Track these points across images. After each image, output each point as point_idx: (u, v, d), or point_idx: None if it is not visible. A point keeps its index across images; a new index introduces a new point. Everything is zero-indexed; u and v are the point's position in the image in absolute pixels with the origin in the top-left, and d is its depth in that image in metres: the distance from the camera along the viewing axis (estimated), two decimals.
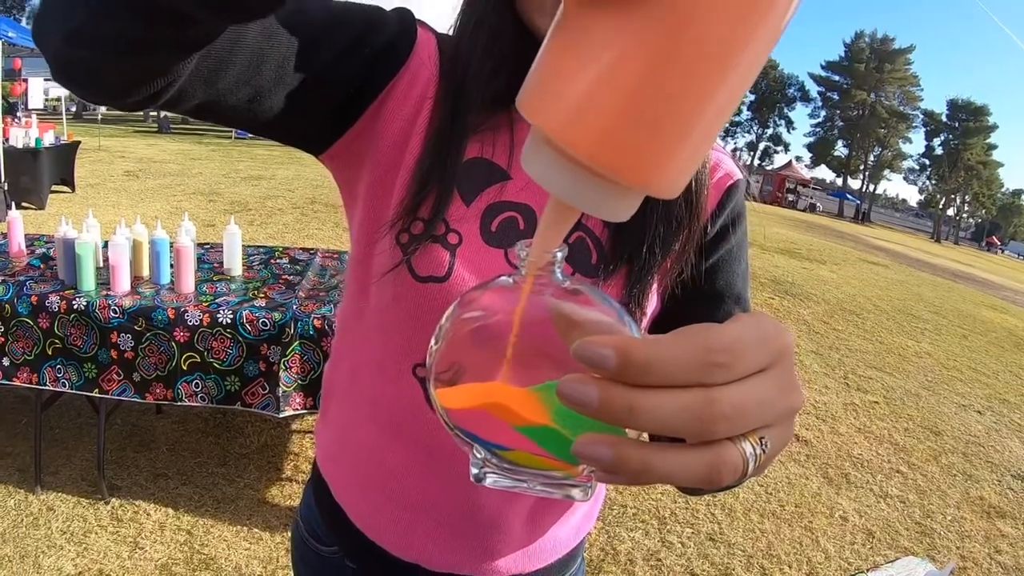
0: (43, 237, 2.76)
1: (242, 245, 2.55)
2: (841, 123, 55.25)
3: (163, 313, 2.07)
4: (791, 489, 3.15)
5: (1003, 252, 58.23)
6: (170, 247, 2.29)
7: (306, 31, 0.53)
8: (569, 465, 0.30)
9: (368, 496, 0.69)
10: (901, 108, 52.97)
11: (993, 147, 54.24)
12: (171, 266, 2.29)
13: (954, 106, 52.18)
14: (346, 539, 0.72)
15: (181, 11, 0.31)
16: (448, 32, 0.63)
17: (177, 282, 2.24)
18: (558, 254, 0.30)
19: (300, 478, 2.58)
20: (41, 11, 0.38)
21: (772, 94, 56.55)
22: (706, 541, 2.62)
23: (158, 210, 7.12)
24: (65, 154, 7.71)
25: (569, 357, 0.24)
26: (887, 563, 1.68)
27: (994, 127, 51.74)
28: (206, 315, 2.08)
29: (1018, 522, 3.25)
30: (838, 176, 60.01)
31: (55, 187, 7.52)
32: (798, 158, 57.67)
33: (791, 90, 57.90)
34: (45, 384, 2.12)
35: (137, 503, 2.33)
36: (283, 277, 2.53)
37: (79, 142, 8.29)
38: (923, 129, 55.51)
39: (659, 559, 2.46)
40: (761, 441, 0.24)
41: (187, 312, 2.08)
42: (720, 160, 0.66)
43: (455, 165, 0.58)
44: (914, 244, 29.96)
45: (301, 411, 2.16)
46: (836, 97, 54.43)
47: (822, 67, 55.19)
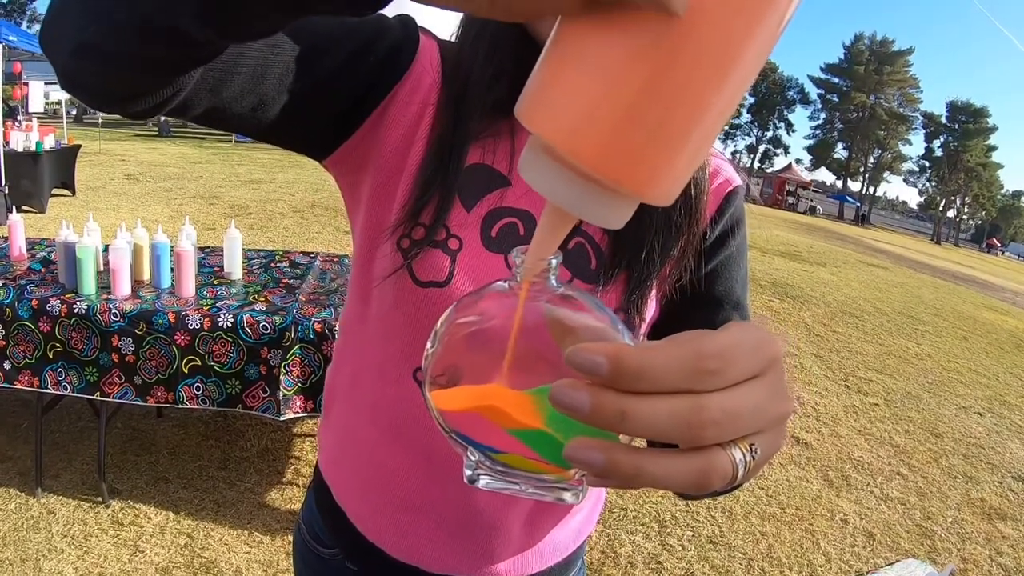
0: (44, 241, 2.76)
1: (242, 249, 2.56)
2: (841, 125, 55.31)
3: (164, 317, 2.08)
4: (792, 492, 3.15)
5: (1003, 254, 58.28)
6: (171, 251, 2.29)
7: (309, 39, 0.53)
8: (561, 469, 0.31)
9: (368, 498, 0.69)
10: (901, 110, 53.03)
11: (993, 149, 54.28)
12: (172, 270, 2.29)
13: (953, 108, 52.23)
14: (347, 541, 0.72)
15: (190, 34, 0.31)
16: (450, 39, 0.64)
17: (178, 286, 2.24)
18: (553, 261, 0.31)
19: (301, 482, 2.58)
20: (49, 19, 0.38)
21: (772, 97, 56.62)
22: (706, 544, 2.62)
23: (158, 214, 7.12)
24: (66, 158, 7.72)
25: (563, 362, 0.24)
26: (887, 565, 1.68)
27: (993, 129, 51.78)
28: (207, 319, 2.09)
29: (1019, 524, 3.25)
30: (838, 178, 60.10)
31: (56, 191, 7.52)
32: (798, 161, 57.77)
33: (791, 93, 57.99)
34: (46, 387, 2.12)
35: (138, 507, 2.33)
36: (283, 281, 2.53)
37: (79, 146, 8.30)
38: (923, 131, 55.59)
39: (659, 562, 2.46)
40: (751, 448, 0.25)
41: (188, 316, 2.08)
42: (720, 166, 0.66)
43: (456, 171, 0.59)
44: (914, 246, 29.97)
45: (302, 414, 2.16)
46: (836, 99, 54.49)
47: (821, 69, 55.32)
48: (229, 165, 13.23)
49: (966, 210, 60.92)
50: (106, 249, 2.33)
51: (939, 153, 55.26)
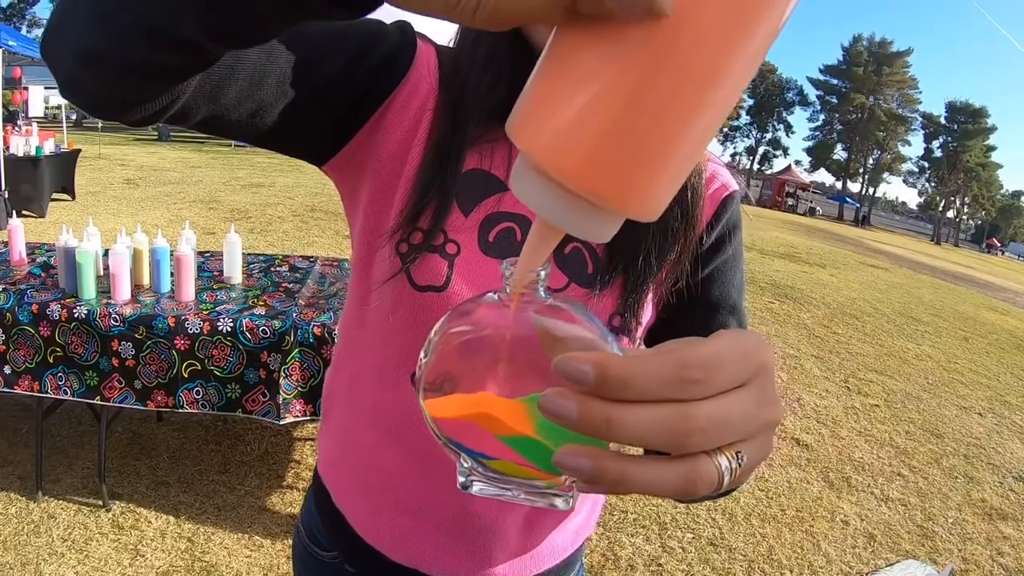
0: (44, 245, 2.77)
1: (242, 253, 2.56)
2: (840, 127, 55.33)
3: (164, 321, 2.08)
4: (792, 493, 3.15)
5: (1003, 254, 58.28)
6: (170, 256, 2.30)
7: (306, 45, 0.54)
8: (552, 475, 0.31)
9: (367, 501, 0.70)
10: (900, 111, 53.05)
11: (992, 149, 54.30)
12: (171, 274, 2.30)
13: (952, 108, 52.26)
14: (346, 544, 0.72)
15: (194, 41, 0.32)
16: (448, 44, 0.64)
17: (177, 290, 2.24)
18: (542, 272, 0.31)
19: (301, 485, 2.58)
20: (51, 27, 0.38)
21: (771, 98, 56.66)
22: (707, 546, 2.62)
23: (158, 218, 7.13)
24: (65, 162, 7.74)
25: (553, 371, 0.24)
26: (887, 566, 1.68)
27: (993, 129, 51.81)
28: (206, 323, 2.09)
29: (1020, 524, 3.25)
30: (837, 180, 60.12)
31: (55, 195, 7.54)
32: (797, 162, 57.74)
33: (790, 94, 58.00)
34: (47, 392, 2.12)
35: (138, 511, 2.33)
36: (283, 285, 2.54)
37: (79, 150, 8.32)
38: (922, 132, 55.60)
39: (660, 564, 2.46)
40: (738, 455, 0.25)
41: (187, 320, 2.09)
42: (716, 171, 0.67)
43: (454, 176, 0.59)
44: (914, 247, 29.98)
45: (302, 418, 2.16)
46: (835, 101, 54.53)
47: (820, 71, 55.35)
48: (229, 169, 13.24)
49: (966, 210, 60.94)
50: (106, 254, 2.33)
51: (938, 154, 55.27)
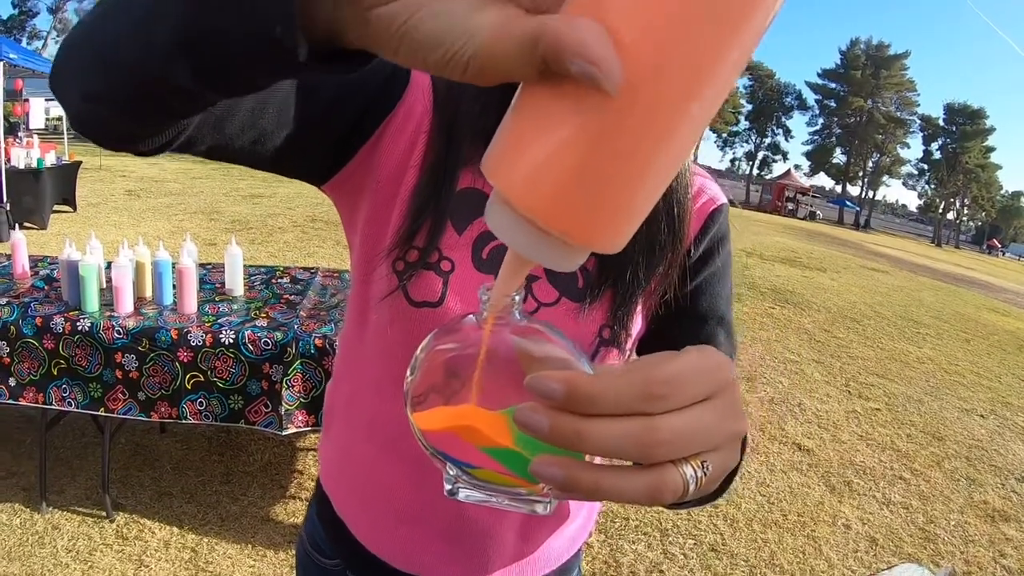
0: (46, 258, 2.79)
1: (244, 265, 2.58)
2: (839, 130, 55.35)
3: (166, 334, 2.10)
4: (793, 498, 3.15)
5: (1004, 254, 58.20)
6: (172, 268, 2.32)
7: None
8: (530, 483, 0.34)
9: (367, 511, 0.72)
10: (898, 114, 53.07)
11: (991, 150, 54.27)
12: (174, 287, 2.32)
13: (951, 110, 52.26)
14: (347, 552, 0.74)
15: (192, 91, 0.34)
16: None
17: (180, 303, 2.26)
18: (516, 297, 0.34)
19: (303, 496, 2.60)
20: (58, 66, 0.40)
21: (769, 103, 56.72)
22: (708, 552, 2.63)
23: (160, 229, 7.16)
24: (67, 174, 7.76)
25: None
26: (887, 569, 1.69)
27: (991, 130, 51.80)
28: (209, 335, 2.11)
29: (1022, 525, 3.25)
30: (837, 183, 60.06)
31: (57, 207, 7.56)
32: (797, 166, 57.85)
33: (788, 99, 58.03)
34: (51, 404, 2.14)
35: (142, 521, 2.34)
36: (284, 297, 2.56)
37: (80, 162, 8.34)
38: (921, 134, 55.60)
39: (662, 571, 2.47)
40: (703, 464, 0.27)
41: (190, 332, 2.11)
42: (704, 185, 0.69)
43: (448, 196, 0.61)
44: (915, 249, 29.96)
45: (304, 428, 2.18)
46: (833, 104, 54.56)
47: (818, 75, 55.37)
48: (230, 180, 13.27)
49: (966, 212, 60.87)
50: (109, 266, 2.36)
51: (937, 156, 55.25)
